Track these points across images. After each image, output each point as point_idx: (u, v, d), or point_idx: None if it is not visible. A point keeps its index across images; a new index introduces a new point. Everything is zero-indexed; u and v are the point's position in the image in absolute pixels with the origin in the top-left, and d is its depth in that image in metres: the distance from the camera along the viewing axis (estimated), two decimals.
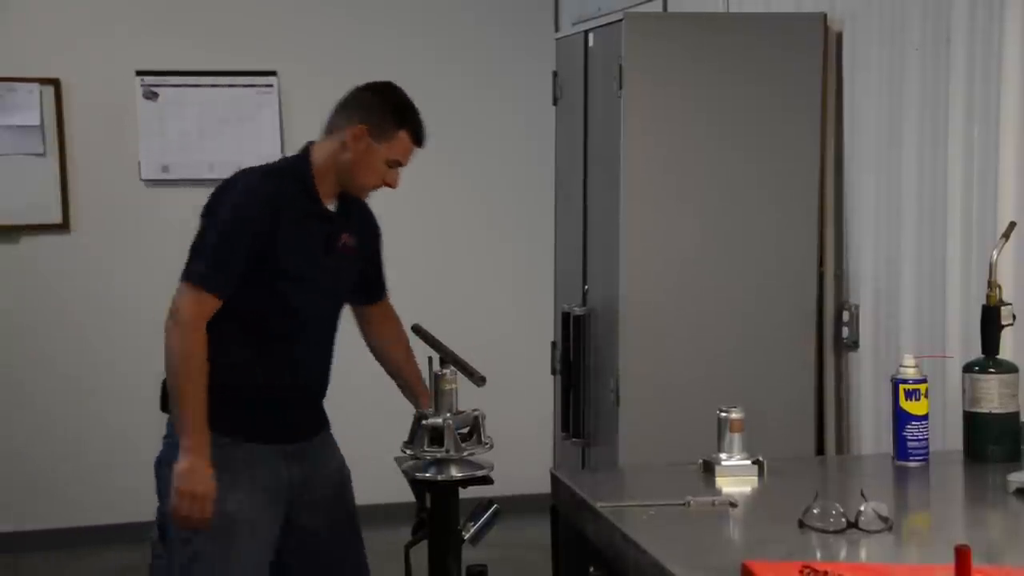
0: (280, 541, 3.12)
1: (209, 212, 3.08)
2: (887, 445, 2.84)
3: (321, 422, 3.23)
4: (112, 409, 5.81)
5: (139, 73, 5.78)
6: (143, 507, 5.86)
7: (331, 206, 3.12)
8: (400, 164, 3.09)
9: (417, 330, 3.25)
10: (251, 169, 3.15)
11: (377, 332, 3.34)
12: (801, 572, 1.90)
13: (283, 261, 3.00)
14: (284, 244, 3.00)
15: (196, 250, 3.05)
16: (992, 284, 2.80)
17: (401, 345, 3.34)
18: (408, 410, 3.17)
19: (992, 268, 2.80)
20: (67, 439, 5.79)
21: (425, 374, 3.11)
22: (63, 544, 5.71)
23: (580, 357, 4.04)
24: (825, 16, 3.83)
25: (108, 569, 5.55)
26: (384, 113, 3.06)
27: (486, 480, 2.95)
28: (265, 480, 3.06)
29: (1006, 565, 2.08)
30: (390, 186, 3.12)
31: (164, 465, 3.04)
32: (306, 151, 3.12)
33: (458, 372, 3.06)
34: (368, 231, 3.27)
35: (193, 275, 3.00)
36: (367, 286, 3.29)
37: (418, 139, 3.09)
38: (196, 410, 2.93)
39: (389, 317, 3.37)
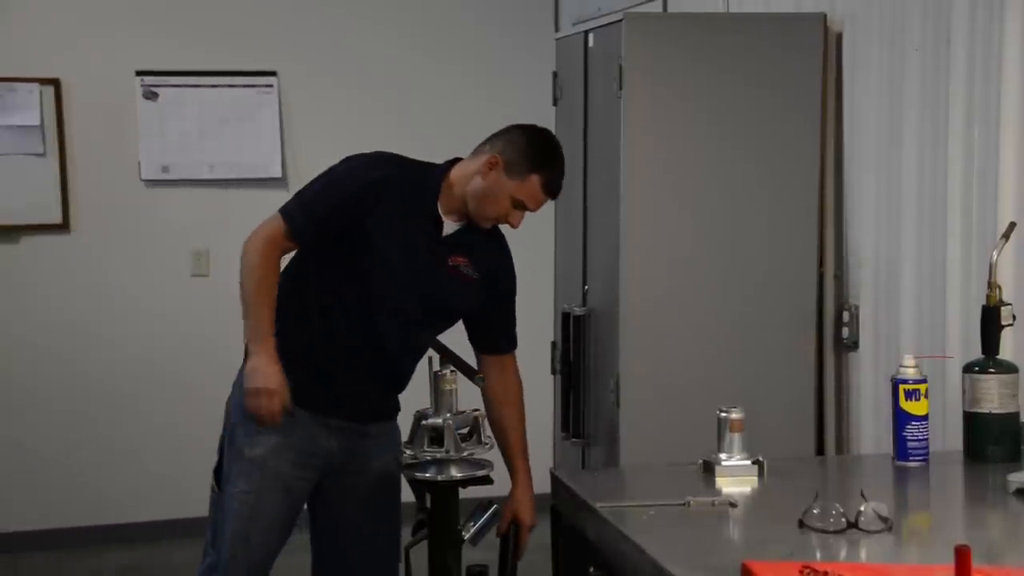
0: (314, 513, 3.21)
1: (329, 170, 3.12)
2: (887, 445, 2.84)
3: (380, 413, 3.19)
4: (112, 409, 5.81)
5: (139, 73, 5.78)
6: (143, 507, 5.93)
7: (451, 222, 3.09)
8: (526, 207, 3.07)
9: None
10: (384, 152, 3.17)
11: (490, 385, 3.21)
12: (801, 572, 1.90)
13: (371, 240, 3.01)
14: (378, 228, 3.01)
15: (300, 191, 3.10)
16: (992, 284, 2.80)
17: (511, 407, 3.22)
18: (408, 411, 3.16)
19: (992, 268, 2.80)
20: (67, 439, 5.78)
21: (425, 374, 3.11)
22: (63, 544, 5.71)
23: (580, 357, 4.04)
24: (825, 16, 3.83)
25: (108, 569, 5.55)
26: (524, 153, 3.05)
27: (486, 480, 2.96)
28: (299, 442, 3.10)
29: (1006, 565, 2.08)
30: (511, 225, 3.10)
31: (231, 401, 3.19)
32: (449, 163, 3.14)
33: (458, 372, 3.06)
34: (500, 274, 3.22)
35: (285, 208, 3.06)
36: (486, 333, 3.22)
37: (549, 188, 3.07)
38: (262, 319, 2.97)
39: (507, 373, 3.24)
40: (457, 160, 3.14)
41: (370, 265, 3.02)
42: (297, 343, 3.06)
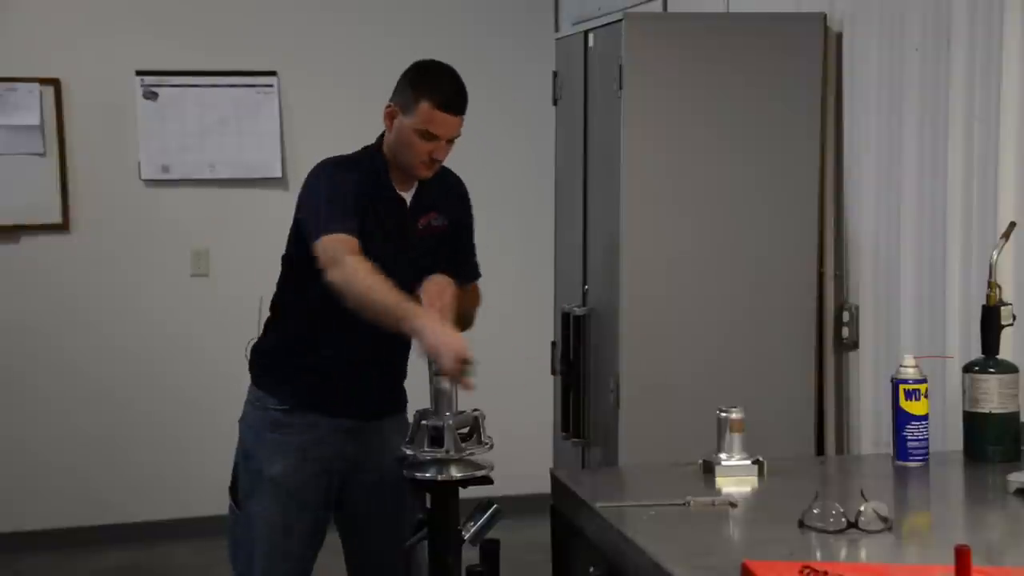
0: (339, 514, 3.27)
1: (307, 198, 3.12)
2: (887, 445, 2.84)
3: (390, 405, 3.26)
4: (112, 409, 5.82)
5: (139, 73, 5.78)
6: (143, 507, 5.93)
7: (407, 190, 3.16)
8: (435, 136, 3.08)
9: None
10: (326, 161, 3.19)
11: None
12: (801, 572, 1.90)
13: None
14: (363, 228, 3.03)
15: (317, 215, 3.04)
16: (992, 284, 2.80)
17: (464, 305, 3.20)
18: (408, 410, 3.16)
19: (992, 268, 2.80)
20: (67, 439, 5.78)
21: (426, 374, 3.11)
22: (63, 544, 5.71)
23: (580, 357, 4.04)
24: (825, 16, 3.83)
25: (108, 569, 5.55)
26: (406, 88, 3.11)
27: (486, 480, 2.95)
28: (317, 451, 3.16)
29: (1006, 565, 2.08)
30: (438, 159, 3.13)
31: (242, 423, 3.23)
32: (380, 138, 3.19)
33: None
34: (457, 207, 3.29)
35: (324, 228, 2.99)
36: (451, 266, 3.22)
37: (440, 105, 3.08)
38: (395, 300, 2.86)
39: (473, 300, 3.31)
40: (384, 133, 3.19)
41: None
42: (302, 352, 3.16)
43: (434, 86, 3.10)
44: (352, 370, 3.18)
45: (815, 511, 2.20)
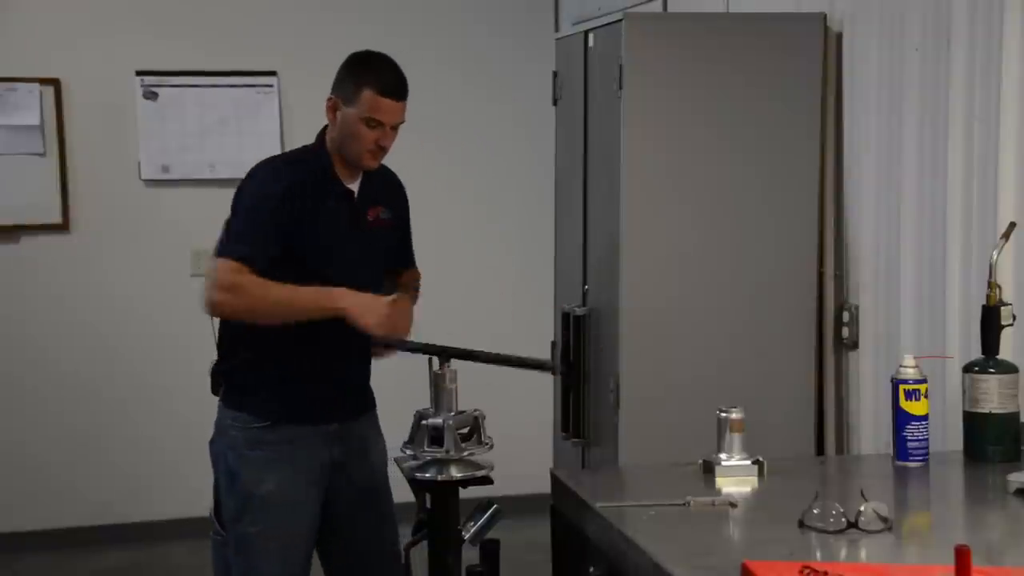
0: (322, 519, 3.25)
1: (235, 205, 3.15)
2: (887, 445, 2.84)
3: (365, 403, 3.29)
4: (111, 409, 5.82)
5: (139, 73, 5.78)
6: (143, 507, 5.92)
7: (353, 184, 3.17)
8: (380, 123, 3.10)
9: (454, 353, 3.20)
10: (268, 160, 3.25)
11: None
12: (801, 572, 1.90)
13: (310, 244, 3.07)
14: (310, 228, 3.07)
15: (228, 235, 3.09)
16: (992, 284, 2.80)
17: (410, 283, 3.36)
18: (408, 410, 3.16)
19: (992, 268, 2.80)
20: (67, 439, 5.79)
21: (426, 374, 3.11)
22: (62, 544, 5.71)
23: (580, 357, 4.04)
24: (825, 16, 3.83)
25: (107, 569, 5.55)
26: (345, 78, 3.14)
27: (486, 480, 2.95)
28: (304, 461, 3.16)
29: (1006, 565, 2.08)
30: (384, 148, 3.15)
31: (215, 446, 3.20)
32: (321, 133, 3.20)
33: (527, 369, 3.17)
34: (398, 201, 3.33)
35: (231, 252, 3.03)
36: (394, 256, 3.34)
37: (383, 91, 3.11)
38: (296, 294, 2.97)
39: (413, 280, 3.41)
40: (325, 128, 3.22)
41: (315, 263, 3.09)
42: (279, 364, 3.14)
43: (376, 73, 3.12)
44: (329, 372, 3.19)
45: (815, 511, 2.20)
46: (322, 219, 3.11)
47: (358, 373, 3.28)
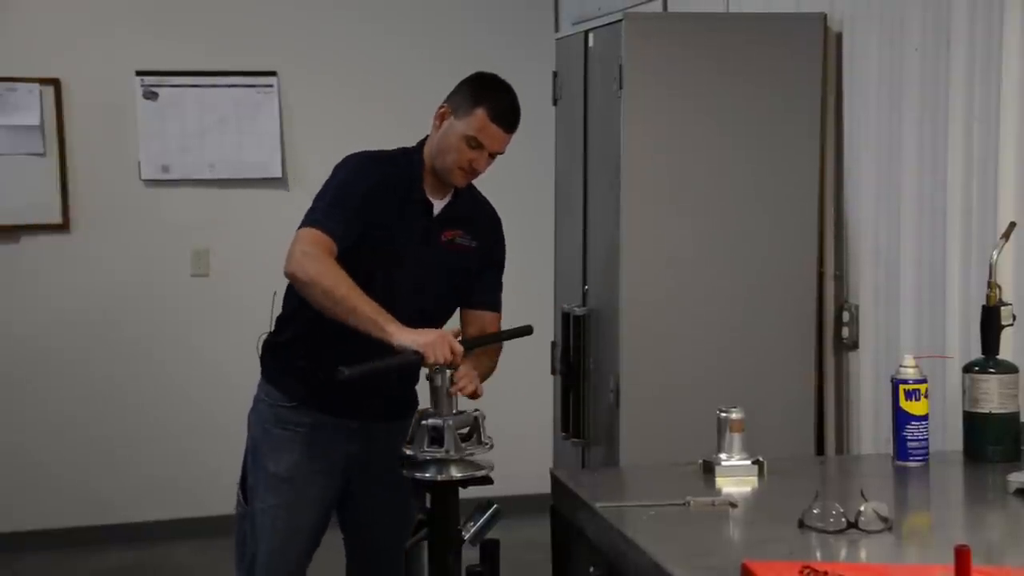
0: (343, 516, 3.32)
1: (326, 184, 3.13)
2: (887, 445, 2.84)
3: (400, 409, 3.19)
4: (111, 409, 5.82)
5: (139, 73, 5.78)
6: (143, 507, 5.93)
7: (438, 200, 3.16)
8: (482, 145, 3.10)
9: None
10: (364, 152, 3.21)
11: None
12: (801, 572, 1.90)
13: (379, 244, 3.06)
14: (382, 228, 3.06)
15: (313, 207, 3.07)
16: (992, 284, 2.80)
17: (484, 357, 3.16)
18: None
19: (992, 268, 2.81)
20: (67, 438, 5.79)
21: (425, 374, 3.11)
22: (63, 544, 5.71)
23: (580, 357, 4.04)
24: (825, 16, 3.83)
25: (108, 569, 5.55)
26: (467, 92, 3.14)
27: (486, 480, 2.95)
28: (322, 448, 3.19)
29: (1006, 565, 2.08)
30: (478, 169, 3.14)
31: (251, 416, 3.25)
32: (420, 144, 3.20)
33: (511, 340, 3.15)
34: (489, 235, 3.29)
35: (311, 220, 3.01)
36: (471, 292, 3.26)
37: (496, 117, 3.09)
38: (368, 306, 2.87)
39: (487, 331, 3.25)
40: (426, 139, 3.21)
41: (377, 264, 3.08)
42: (311, 350, 3.16)
43: (495, 97, 3.12)
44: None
45: (815, 511, 2.20)
46: (395, 223, 3.10)
47: (391, 383, 3.19)
